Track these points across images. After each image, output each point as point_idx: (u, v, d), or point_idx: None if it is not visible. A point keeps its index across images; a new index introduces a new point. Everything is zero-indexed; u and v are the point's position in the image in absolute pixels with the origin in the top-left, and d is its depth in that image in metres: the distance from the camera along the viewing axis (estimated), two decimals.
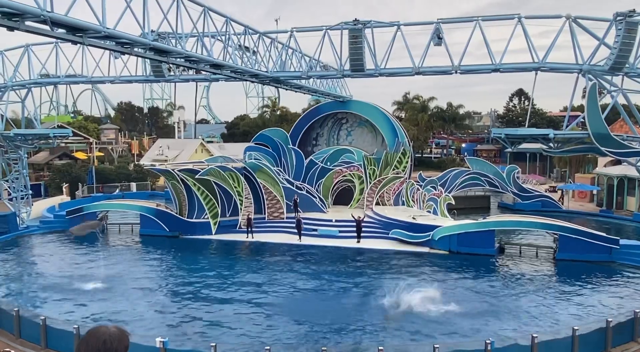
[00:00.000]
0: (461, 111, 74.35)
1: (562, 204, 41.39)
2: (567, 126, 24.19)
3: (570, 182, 46.23)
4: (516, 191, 39.72)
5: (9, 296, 20.18)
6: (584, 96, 27.57)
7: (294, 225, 30.03)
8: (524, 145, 26.47)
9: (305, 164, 36.16)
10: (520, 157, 56.24)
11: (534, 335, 13.61)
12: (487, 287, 21.56)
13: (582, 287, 21.62)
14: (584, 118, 22.87)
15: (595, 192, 42.54)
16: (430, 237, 27.36)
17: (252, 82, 29.39)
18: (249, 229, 30.12)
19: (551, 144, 24.13)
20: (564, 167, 54.44)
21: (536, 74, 23.34)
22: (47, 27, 13.37)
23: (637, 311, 15.23)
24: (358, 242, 28.31)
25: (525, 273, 23.70)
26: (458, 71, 24.03)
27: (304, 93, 34.62)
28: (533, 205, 39.27)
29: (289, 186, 32.91)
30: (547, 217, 29.11)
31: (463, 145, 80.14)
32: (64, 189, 42.95)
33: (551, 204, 40.07)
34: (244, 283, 22.16)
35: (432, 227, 27.72)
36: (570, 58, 22.59)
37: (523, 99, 75.70)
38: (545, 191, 43.58)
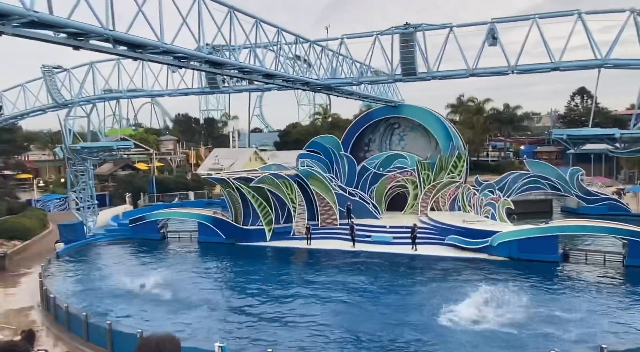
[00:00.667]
0: (519, 112, 72.07)
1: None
2: (634, 125, 22.86)
3: (639, 184, 43.62)
4: (580, 194, 37.90)
5: (78, 301, 21.19)
6: None
7: (347, 231, 29.97)
8: (588, 146, 25.28)
9: (357, 170, 36.05)
10: (584, 159, 53.60)
11: (603, 346, 12.90)
12: (551, 295, 20.63)
13: None
14: None
15: None
16: (488, 244, 26.53)
17: (304, 90, 29.68)
18: (309, 236, 30.36)
19: (617, 144, 22.91)
20: (632, 168, 51.51)
21: (599, 71, 22.24)
22: (109, 45, 14.06)
23: None
24: (414, 249, 27.83)
25: (591, 281, 22.51)
26: (515, 71, 23.26)
27: (355, 99, 34.57)
28: (599, 209, 37.28)
29: (341, 192, 32.90)
30: (615, 221, 27.57)
31: (522, 147, 77.43)
32: (126, 199, 44.86)
33: (619, 208, 37.94)
34: (299, 290, 22.28)
35: (490, 233, 26.88)
36: (636, 53, 21.36)
37: (585, 98, 72.32)
38: (612, 194, 41.35)
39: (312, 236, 30.58)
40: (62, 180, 51.19)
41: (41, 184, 56.74)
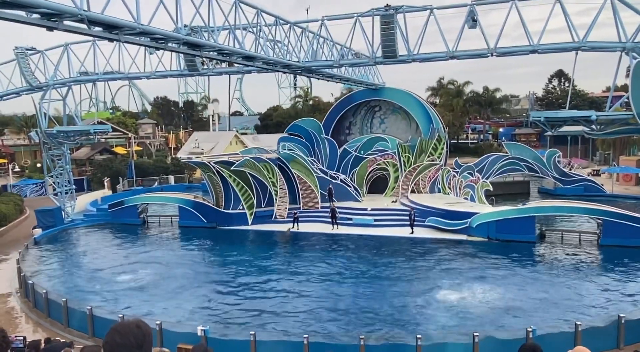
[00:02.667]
0: (498, 95, 72.66)
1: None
2: (610, 107, 23.28)
3: (614, 165, 44.62)
4: (557, 176, 38.61)
5: (57, 287, 20.99)
6: (627, 75, 26.41)
7: (328, 215, 30.07)
8: (565, 128, 25.67)
9: (339, 153, 36.11)
10: (561, 141, 54.56)
11: (578, 322, 13.29)
12: (528, 274, 21.10)
13: (627, 274, 20.91)
14: (628, 98, 21.93)
15: None
16: (467, 225, 26.95)
17: (285, 72, 29.47)
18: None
19: (594, 126, 23.32)
20: (608, 149, 52.61)
21: (576, 54, 22.54)
22: (84, 26, 13.73)
23: None
24: (412, 232, 27.82)
25: (567, 260, 23.08)
26: (494, 54, 23.44)
27: (336, 82, 34.50)
28: (575, 190, 38.09)
29: (323, 175, 32.96)
30: (590, 201, 28.21)
31: (500, 130, 78.42)
32: (105, 183, 44.31)
33: (594, 188, 38.78)
34: (282, 272, 22.41)
35: (469, 214, 27.28)
36: (612, 36, 21.71)
37: (563, 81, 73.30)
38: (588, 175, 42.21)
39: (289, 219, 30.64)
40: (38, 165, 50.24)
41: (17, 169, 55.59)
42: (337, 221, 29.49)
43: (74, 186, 35.04)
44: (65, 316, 16.79)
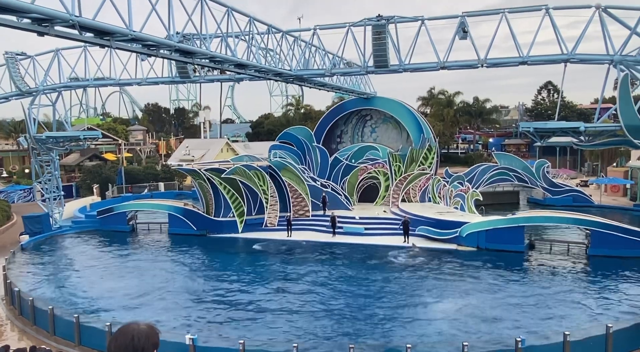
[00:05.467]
0: (488, 105, 73.30)
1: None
2: (598, 119, 23.56)
3: (602, 176, 45.06)
4: (546, 186, 38.90)
5: (44, 295, 20.72)
6: (615, 88, 26.76)
7: (319, 223, 30.03)
8: (554, 139, 25.91)
9: (330, 162, 36.15)
10: (550, 152, 55.07)
11: (566, 333, 13.33)
12: (517, 284, 21.18)
13: (615, 284, 21.06)
14: (615, 110, 22.21)
15: (628, 186, 41.35)
16: (457, 234, 27.03)
17: (276, 80, 29.51)
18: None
19: (582, 137, 23.54)
20: (596, 160, 53.11)
21: (565, 65, 22.81)
22: (75, 32, 13.68)
23: None
24: (405, 242, 27.68)
25: (556, 270, 23.20)
26: (484, 65, 23.66)
27: (328, 91, 34.59)
28: (564, 200, 38.36)
29: (313, 183, 32.95)
30: (579, 212, 28.43)
31: (490, 140, 78.95)
32: (94, 190, 43.94)
33: (583, 199, 39.11)
34: (272, 280, 22.29)
35: (459, 224, 27.37)
36: (600, 49, 22.00)
37: (552, 92, 74.13)
38: (577, 186, 42.57)
39: (280, 227, 30.58)
40: (27, 170, 49.75)
41: (4, 174, 55.05)
42: (329, 230, 29.42)
43: (62, 192, 34.70)
44: (51, 324, 16.55)
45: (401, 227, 27.94)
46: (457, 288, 20.72)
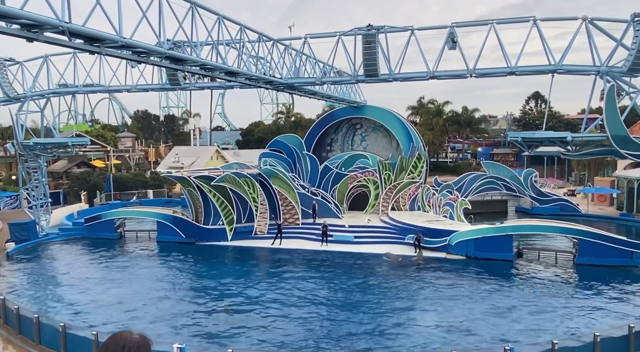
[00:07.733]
0: (477, 115, 73.97)
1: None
2: (585, 129, 23.88)
3: (589, 186, 45.54)
4: (534, 195, 39.24)
5: (29, 303, 20.42)
6: (602, 98, 27.21)
7: (309, 231, 29.95)
8: (542, 149, 26.14)
9: (320, 170, 36.18)
10: (538, 161, 55.62)
11: (555, 341, 13.39)
12: (505, 292, 21.26)
13: (602, 292, 21.21)
14: (602, 120, 22.55)
15: (615, 195, 41.83)
16: (447, 243, 27.12)
17: (267, 88, 29.57)
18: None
19: (569, 147, 23.83)
20: (583, 170, 53.70)
21: (553, 76, 23.13)
22: (65, 38, 13.63)
23: None
24: (416, 253, 27.41)
25: (544, 278, 23.33)
26: (473, 75, 23.92)
27: (318, 99, 34.71)
28: (551, 209, 38.72)
29: (304, 191, 32.93)
30: (566, 221, 28.69)
31: (479, 149, 79.56)
32: (82, 197, 43.54)
33: (570, 208, 39.48)
34: (260, 288, 22.17)
35: (448, 232, 27.47)
36: (587, 60, 22.38)
37: (540, 102, 75.00)
38: (564, 195, 42.98)
39: (270, 234, 30.50)
40: (14, 177, 49.17)
41: None
42: (326, 238, 29.22)
43: (49, 199, 34.33)
44: (37, 333, 16.29)
45: (415, 242, 27.57)
46: (445, 297, 20.73)
